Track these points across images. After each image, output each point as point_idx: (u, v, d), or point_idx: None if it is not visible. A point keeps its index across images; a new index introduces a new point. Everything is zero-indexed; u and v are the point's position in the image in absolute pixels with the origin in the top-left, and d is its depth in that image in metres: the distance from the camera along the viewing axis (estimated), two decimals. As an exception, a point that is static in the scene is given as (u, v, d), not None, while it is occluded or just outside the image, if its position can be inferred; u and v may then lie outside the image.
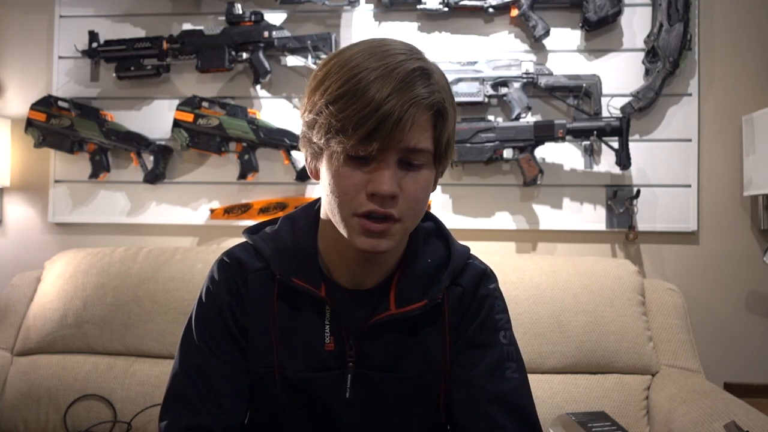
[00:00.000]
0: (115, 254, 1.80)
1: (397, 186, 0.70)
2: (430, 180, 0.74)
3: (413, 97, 0.67)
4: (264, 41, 1.91)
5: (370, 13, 1.97)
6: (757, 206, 1.86)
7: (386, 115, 0.65)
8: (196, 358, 0.80)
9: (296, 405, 0.81)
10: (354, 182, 0.70)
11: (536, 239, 1.92)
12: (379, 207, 0.69)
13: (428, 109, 0.69)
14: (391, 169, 0.69)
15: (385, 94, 0.66)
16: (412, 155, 0.70)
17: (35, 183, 2.09)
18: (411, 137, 0.68)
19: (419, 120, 0.68)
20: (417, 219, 0.76)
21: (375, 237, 0.71)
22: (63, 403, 1.62)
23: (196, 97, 1.93)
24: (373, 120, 0.65)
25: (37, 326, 1.72)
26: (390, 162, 0.69)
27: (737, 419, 1.16)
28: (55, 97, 1.99)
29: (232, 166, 1.98)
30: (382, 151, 0.68)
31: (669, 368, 1.57)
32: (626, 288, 1.62)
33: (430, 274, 0.81)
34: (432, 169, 0.74)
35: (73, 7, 2.07)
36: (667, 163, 1.87)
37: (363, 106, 0.66)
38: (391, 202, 0.70)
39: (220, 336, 0.80)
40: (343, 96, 0.67)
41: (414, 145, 0.69)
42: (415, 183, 0.71)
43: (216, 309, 0.81)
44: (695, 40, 1.86)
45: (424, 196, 0.74)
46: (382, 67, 0.67)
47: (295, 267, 0.80)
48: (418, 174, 0.71)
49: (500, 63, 1.85)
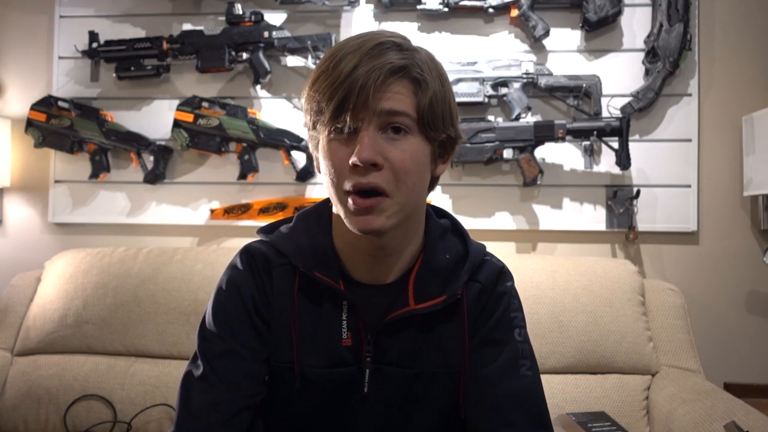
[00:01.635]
0: (115, 254, 1.80)
1: (379, 154, 0.69)
2: (419, 150, 0.72)
3: (379, 64, 0.68)
4: (264, 41, 1.91)
5: (370, 14, 1.97)
6: (757, 206, 1.86)
7: (353, 82, 0.67)
8: (216, 344, 0.79)
9: (313, 400, 0.81)
10: (340, 157, 0.70)
11: (536, 239, 1.92)
12: (360, 179, 0.69)
13: (395, 73, 0.69)
14: (369, 135, 0.69)
15: (352, 65, 0.68)
16: (390, 118, 0.70)
17: (35, 183, 2.09)
18: (384, 101, 0.69)
19: (392, 86, 0.69)
20: (411, 195, 0.73)
21: (365, 214, 0.71)
22: (63, 403, 1.62)
23: (196, 97, 1.93)
24: (342, 89, 0.68)
25: (37, 326, 1.72)
26: (369, 130, 0.69)
27: (737, 419, 1.16)
28: (55, 98, 1.99)
29: (232, 167, 1.98)
30: (357, 120, 0.69)
31: (669, 368, 1.57)
32: (626, 288, 1.62)
33: (449, 269, 0.80)
34: (421, 138, 0.72)
35: (73, 7, 2.07)
36: (667, 163, 1.87)
37: (334, 79, 0.69)
38: (375, 171, 0.69)
39: (240, 324, 0.79)
40: (320, 75, 0.71)
41: (389, 107, 0.69)
42: (400, 152, 0.70)
43: (239, 297, 0.80)
44: (695, 41, 1.86)
45: (414, 167, 0.72)
46: (356, 45, 0.70)
47: (315, 262, 0.79)
48: (403, 142, 0.71)
49: (500, 63, 1.85)
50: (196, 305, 1.67)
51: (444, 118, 0.74)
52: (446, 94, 0.75)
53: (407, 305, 0.78)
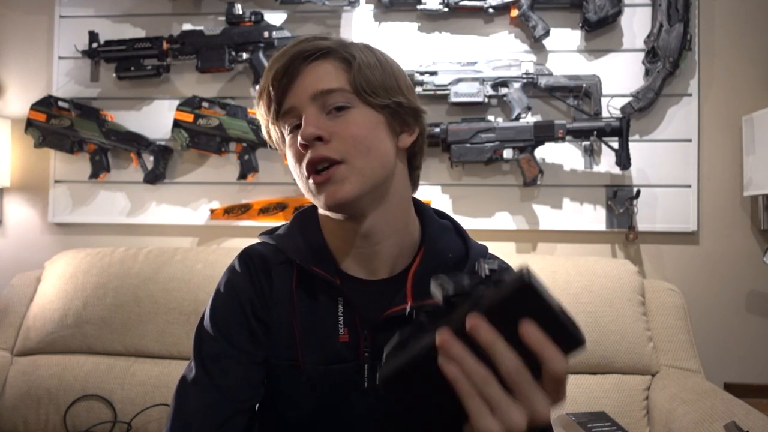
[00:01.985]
0: (115, 254, 1.80)
1: (322, 129, 0.72)
2: (365, 119, 0.75)
3: (297, 52, 0.75)
4: (264, 41, 1.91)
5: (370, 14, 1.97)
6: (757, 206, 1.86)
7: (277, 73, 0.75)
8: (212, 347, 0.79)
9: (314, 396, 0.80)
10: (296, 148, 0.75)
11: (536, 239, 1.92)
12: (311, 155, 0.73)
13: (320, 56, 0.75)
14: (308, 115, 0.73)
15: (281, 63, 0.75)
16: (326, 98, 0.74)
17: (35, 183, 2.09)
18: (314, 82, 0.74)
19: (320, 67, 0.75)
20: (369, 158, 0.74)
21: (327, 186, 0.73)
22: (63, 403, 1.62)
23: (196, 97, 1.93)
24: (275, 85, 0.75)
25: (37, 326, 1.73)
26: (309, 111, 0.73)
27: (737, 419, 1.16)
28: (55, 98, 1.99)
29: (232, 167, 1.98)
30: (298, 109, 0.74)
31: (669, 368, 1.57)
32: (626, 288, 1.62)
33: (449, 268, 0.80)
34: (366, 108, 0.75)
35: (73, 8, 2.07)
36: (667, 163, 1.87)
37: (268, 80, 0.76)
38: (321, 145, 0.73)
39: (237, 327, 0.80)
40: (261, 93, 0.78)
41: (321, 87, 0.73)
42: (347, 123, 0.74)
43: (236, 299, 0.81)
44: (695, 41, 1.86)
45: (364, 132, 0.74)
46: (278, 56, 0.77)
47: (311, 258, 0.80)
48: (346, 116, 0.74)
49: (500, 63, 1.85)
50: (196, 305, 1.67)
51: (386, 86, 0.76)
52: (385, 66, 0.77)
53: (404, 303, 0.78)
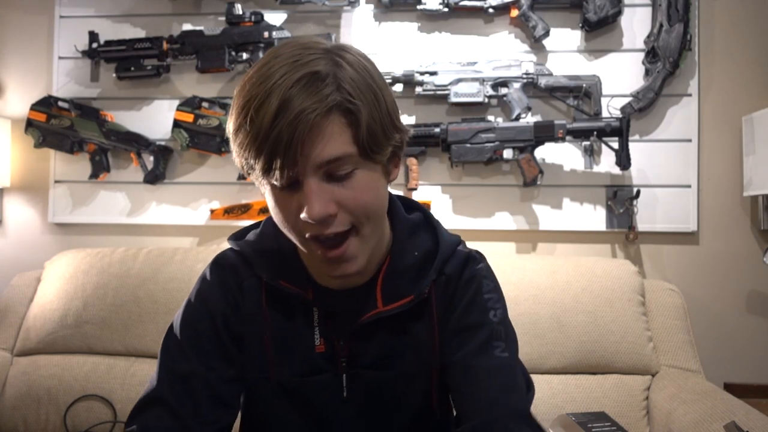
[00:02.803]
0: (115, 255, 1.80)
1: (331, 204, 0.64)
2: (370, 179, 0.67)
3: (300, 113, 0.60)
4: (264, 42, 1.91)
5: (370, 14, 1.97)
6: (757, 206, 1.86)
7: (276, 141, 0.61)
8: (181, 363, 0.75)
9: (292, 409, 0.80)
10: (289, 209, 0.66)
11: (536, 239, 1.92)
12: (321, 231, 0.65)
13: (324, 114, 0.61)
14: (314, 190, 0.63)
15: (269, 120, 0.60)
16: (332, 167, 0.64)
17: (35, 183, 2.09)
18: (320, 150, 0.62)
19: (325, 129, 0.62)
20: (377, 219, 0.71)
21: (339, 262, 0.68)
22: (63, 403, 1.62)
23: (196, 97, 1.93)
24: (266, 149, 0.61)
25: (37, 326, 1.72)
26: (311, 183, 0.63)
27: (737, 420, 1.16)
28: (55, 98, 1.99)
29: (231, 167, 1.98)
30: (295, 174, 0.63)
31: (669, 368, 1.57)
32: (626, 288, 1.62)
33: (416, 267, 0.78)
34: (368, 167, 0.67)
35: (73, 8, 2.07)
36: (667, 163, 1.87)
37: (254, 138, 0.62)
38: (332, 220, 0.65)
39: (208, 342, 0.76)
40: (239, 129, 0.64)
41: (327, 156, 0.63)
42: (352, 191, 0.66)
43: (208, 314, 0.78)
44: (695, 41, 1.86)
45: (372, 197, 0.68)
46: (263, 92, 0.61)
47: (280, 270, 0.77)
48: (351, 181, 0.65)
49: (500, 63, 1.85)
50: (196, 305, 1.67)
51: (386, 133, 0.68)
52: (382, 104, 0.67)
53: (376, 307, 0.76)
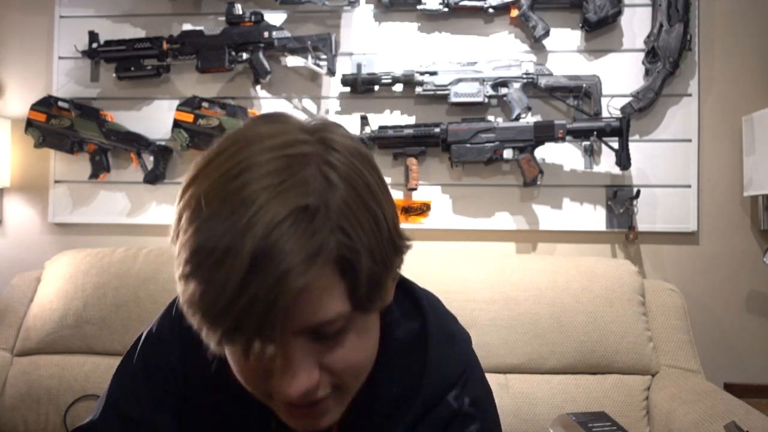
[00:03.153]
0: (115, 255, 1.80)
1: (315, 371, 0.49)
2: (365, 333, 0.53)
3: (285, 272, 0.43)
4: (264, 41, 1.91)
5: (370, 14, 1.97)
6: (757, 206, 1.86)
7: (246, 309, 0.44)
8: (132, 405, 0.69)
9: None
10: (255, 375, 0.51)
11: (536, 239, 1.92)
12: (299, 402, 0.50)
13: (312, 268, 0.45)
14: (297, 360, 0.48)
15: (238, 278, 0.43)
16: (321, 330, 0.48)
17: (35, 183, 2.09)
18: (308, 316, 0.47)
19: (313, 287, 0.45)
20: (359, 378, 0.55)
21: (309, 418, 0.53)
22: (63, 403, 1.62)
23: (196, 97, 1.93)
24: (235, 314, 0.44)
25: (37, 326, 1.72)
26: (293, 351, 0.48)
27: (737, 420, 1.16)
28: (55, 98, 1.99)
29: (232, 167, 1.97)
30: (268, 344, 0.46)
31: (669, 368, 1.57)
32: (626, 288, 1.62)
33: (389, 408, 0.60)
34: (362, 319, 0.52)
35: (73, 8, 2.07)
36: (667, 163, 1.87)
37: (216, 295, 0.44)
38: (315, 390, 0.50)
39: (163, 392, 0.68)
40: (193, 274, 0.46)
41: (316, 321, 0.47)
42: (342, 352, 0.51)
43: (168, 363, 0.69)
44: (695, 41, 1.86)
45: (364, 356, 0.54)
46: (231, 231, 0.44)
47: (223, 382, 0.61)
48: (341, 340, 0.50)
49: (500, 63, 1.85)
50: (196, 305, 1.67)
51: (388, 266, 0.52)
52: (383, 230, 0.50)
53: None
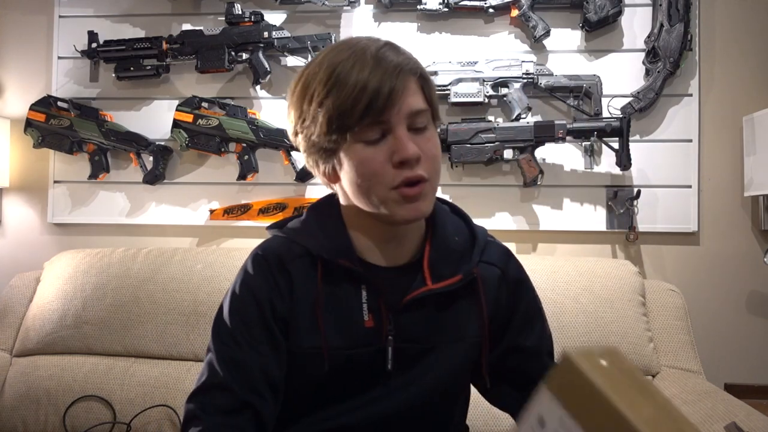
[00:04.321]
0: (114, 255, 1.80)
1: (418, 149, 0.75)
2: (437, 138, 0.80)
3: (392, 68, 0.73)
4: (264, 41, 1.90)
5: (369, 14, 1.96)
6: (758, 207, 1.86)
7: (375, 91, 0.72)
8: (233, 350, 0.81)
9: (340, 380, 0.84)
10: (380, 161, 0.75)
11: (536, 240, 1.92)
12: (410, 173, 0.75)
13: (411, 73, 0.76)
14: (406, 135, 0.75)
15: (366, 74, 0.72)
16: (416, 118, 0.76)
17: (34, 183, 2.08)
18: (408, 102, 0.75)
19: (408, 85, 0.75)
20: (438, 175, 0.81)
21: (414, 201, 0.76)
22: (62, 404, 1.62)
23: (196, 97, 1.93)
24: (365, 99, 0.72)
25: (36, 327, 1.72)
26: (403, 131, 0.75)
27: (738, 420, 1.16)
28: (55, 98, 1.98)
29: (231, 167, 1.97)
30: (389, 124, 0.74)
31: (669, 369, 1.57)
32: (627, 289, 1.61)
33: (459, 250, 0.87)
34: (433, 128, 0.80)
35: (72, 8, 2.06)
36: (667, 163, 1.87)
37: (351, 91, 0.72)
38: (417, 164, 0.75)
39: (256, 329, 0.82)
40: (330, 90, 0.73)
41: (415, 107, 0.75)
42: (429, 142, 0.78)
43: (254, 302, 0.83)
44: (696, 41, 1.86)
45: (439, 154, 0.80)
46: (353, 55, 0.74)
47: (335, 250, 0.83)
48: (427, 133, 0.78)
49: (500, 63, 1.85)
50: (196, 306, 1.66)
51: (438, 106, 0.82)
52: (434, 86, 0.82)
53: (425, 285, 0.83)
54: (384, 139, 0.75)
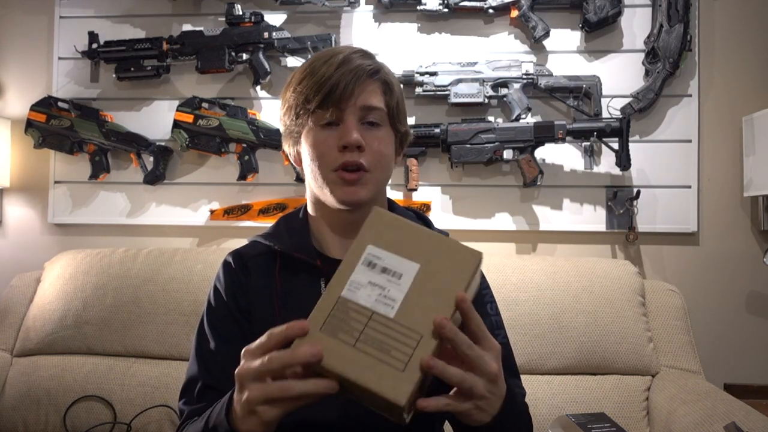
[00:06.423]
0: (114, 255, 1.80)
1: (362, 139, 0.84)
2: (389, 138, 0.89)
3: (354, 68, 0.84)
4: (264, 42, 1.91)
5: (369, 14, 1.97)
6: (757, 207, 1.86)
7: (335, 83, 0.83)
8: (207, 344, 0.90)
9: None
10: (329, 143, 0.85)
11: (536, 240, 1.92)
12: (350, 158, 0.84)
13: (369, 75, 0.86)
14: (354, 124, 0.84)
15: (332, 70, 0.84)
16: (368, 113, 0.86)
17: (35, 184, 2.09)
18: (362, 98, 0.85)
19: (366, 85, 0.86)
20: (385, 172, 0.89)
21: (351, 185, 0.85)
22: (63, 404, 1.62)
23: (196, 97, 1.93)
24: (325, 89, 0.83)
25: (36, 327, 1.72)
26: (352, 120, 0.85)
27: (737, 420, 1.16)
28: (55, 98, 1.99)
29: (231, 167, 1.98)
30: (341, 112, 0.84)
31: (669, 369, 1.57)
32: (626, 289, 1.62)
33: None
34: (390, 130, 0.89)
35: (73, 8, 2.07)
36: (667, 163, 1.87)
37: (316, 81, 0.84)
38: (359, 153, 0.84)
39: (226, 322, 0.90)
40: (302, 79, 0.86)
41: (367, 103, 0.85)
42: (377, 139, 0.86)
43: (221, 299, 0.92)
44: (695, 41, 1.86)
45: (388, 152, 0.89)
46: (328, 55, 0.87)
47: (292, 245, 0.91)
48: (378, 131, 0.87)
49: (500, 64, 1.85)
50: (196, 306, 1.67)
51: (402, 115, 0.92)
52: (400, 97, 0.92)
53: None
54: (337, 127, 0.85)
